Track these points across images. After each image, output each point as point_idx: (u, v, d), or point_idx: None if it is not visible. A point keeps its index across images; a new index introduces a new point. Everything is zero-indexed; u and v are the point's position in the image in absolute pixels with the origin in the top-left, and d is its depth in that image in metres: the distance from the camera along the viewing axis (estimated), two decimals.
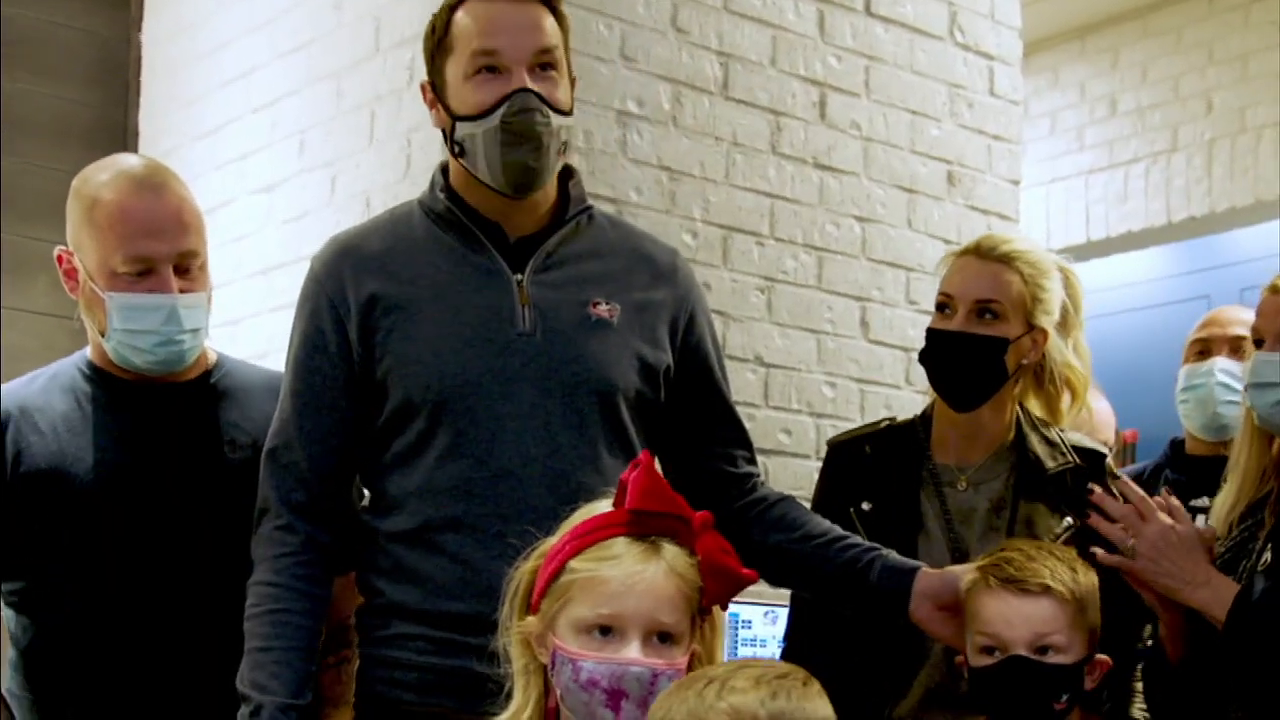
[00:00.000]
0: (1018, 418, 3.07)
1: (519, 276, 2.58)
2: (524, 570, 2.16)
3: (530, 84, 2.51)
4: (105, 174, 2.76)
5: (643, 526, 2.09)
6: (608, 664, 2.01)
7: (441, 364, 2.51)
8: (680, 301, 2.72)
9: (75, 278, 2.77)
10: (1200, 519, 3.28)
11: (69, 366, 2.86)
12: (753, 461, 2.83)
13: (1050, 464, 3.03)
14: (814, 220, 4.41)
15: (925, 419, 3.11)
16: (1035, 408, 3.09)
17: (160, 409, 2.81)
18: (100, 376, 2.82)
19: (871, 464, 3.06)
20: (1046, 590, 2.47)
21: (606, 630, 2.03)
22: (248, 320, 4.29)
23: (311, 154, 4.31)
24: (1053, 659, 2.46)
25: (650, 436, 2.66)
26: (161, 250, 2.70)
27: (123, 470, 2.74)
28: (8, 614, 2.81)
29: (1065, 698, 2.48)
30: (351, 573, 2.62)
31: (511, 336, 2.54)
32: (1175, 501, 2.70)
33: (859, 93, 4.52)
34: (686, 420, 2.73)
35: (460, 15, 2.57)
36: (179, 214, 2.74)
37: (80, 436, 2.76)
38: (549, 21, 2.58)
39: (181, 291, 2.70)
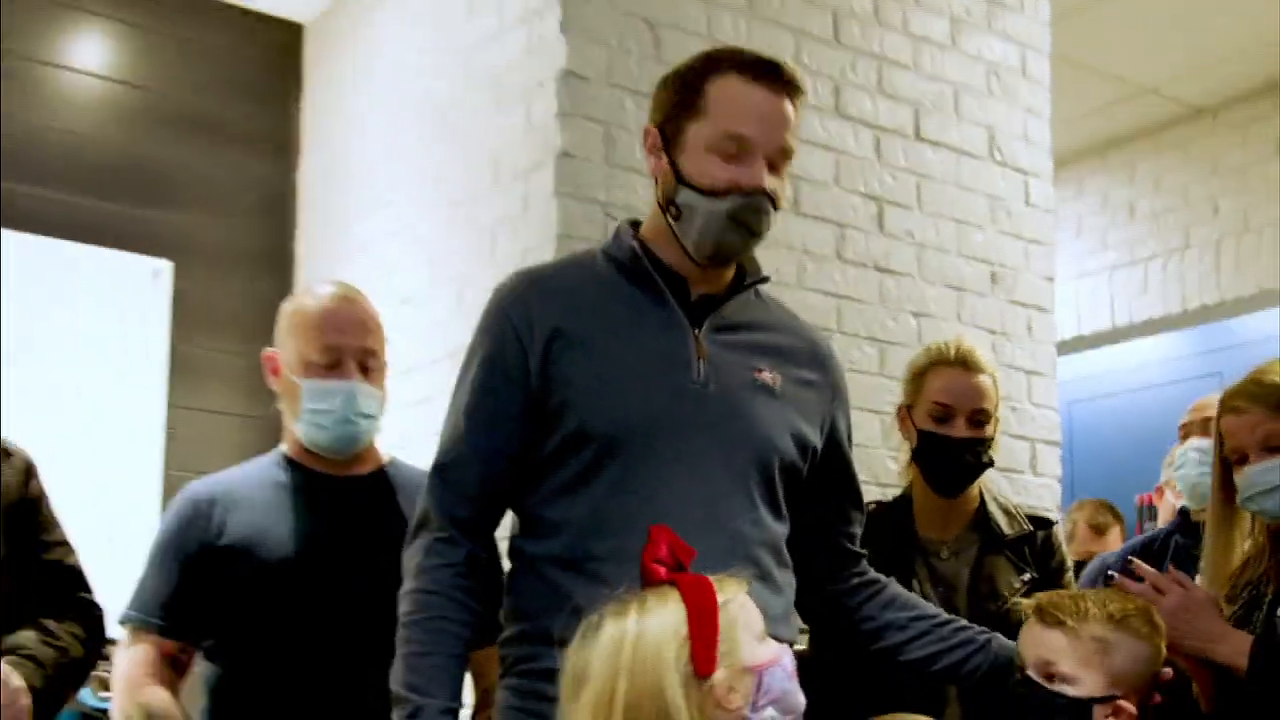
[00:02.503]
0: (980, 493, 3.11)
1: (697, 331, 2.34)
2: (676, 654, 1.83)
3: (767, 181, 2.29)
4: (312, 290, 2.88)
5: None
6: (780, 649, 1.91)
7: (621, 400, 2.26)
8: (833, 389, 2.50)
9: (278, 374, 2.82)
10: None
11: (267, 460, 2.89)
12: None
13: (1009, 531, 3.06)
14: (875, 317, 4.32)
15: (906, 500, 3.12)
16: None
17: (342, 496, 2.81)
18: (293, 467, 2.84)
19: (871, 539, 2.89)
20: (1059, 624, 2.34)
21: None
22: (390, 414, 4.21)
23: (441, 272, 4.27)
24: (1056, 686, 2.33)
25: (789, 504, 2.45)
26: (348, 344, 2.77)
27: (308, 546, 2.72)
28: (202, 664, 2.78)
29: None
30: (493, 646, 2.43)
31: (686, 384, 2.29)
32: (1181, 574, 2.63)
33: (912, 206, 4.44)
34: (823, 496, 2.51)
35: (717, 85, 2.30)
36: (364, 319, 2.82)
37: (274, 516, 2.75)
38: (794, 116, 2.34)
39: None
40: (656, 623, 1.86)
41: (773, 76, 2.32)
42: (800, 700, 1.91)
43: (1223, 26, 5.84)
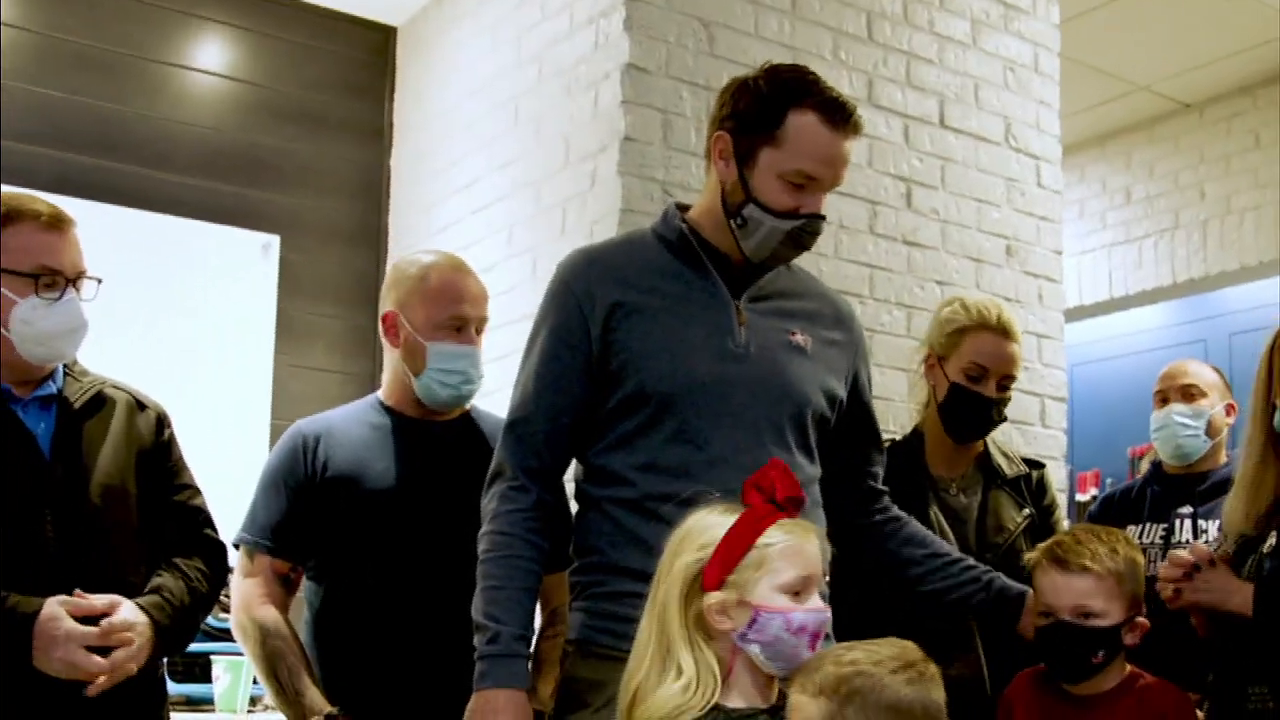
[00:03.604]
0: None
1: (737, 302, 2.32)
2: (686, 564, 1.89)
3: (823, 207, 2.29)
4: (428, 259, 2.81)
5: (793, 510, 1.91)
6: (814, 614, 1.85)
7: (675, 363, 2.24)
8: (855, 346, 2.49)
9: (396, 333, 2.76)
10: (1180, 523, 3.36)
11: (364, 404, 2.85)
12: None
13: (1009, 472, 3.01)
14: (903, 285, 4.23)
15: (919, 438, 3.05)
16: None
17: (431, 438, 2.76)
18: (389, 412, 2.78)
19: (889, 472, 2.88)
20: (1085, 569, 2.33)
21: (798, 591, 1.85)
22: None
23: (517, 244, 4.21)
24: (1092, 623, 2.33)
25: (820, 449, 2.42)
26: (472, 314, 2.74)
27: (402, 481, 2.68)
28: (307, 583, 2.76)
29: (1102, 653, 2.34)
30: (564, 571, 2.41)
31: (730, 349, 2.28)
32: (1199, 547, 2.60)
33: (936, 186, 4.34)
34: (849, 440, 2.49)
35: (797, 121, 2.24)
36: (482, 291, 2.80)
37: (372, 454, 2.70)
38: (851, 150, 2.31)
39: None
40: (696, 532, 1.91)
41: (846, 122, 2.27)
42: (803, 659, 1.85)
43: (1209, 33, 5.81)
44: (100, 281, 2.49)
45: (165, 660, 2.61)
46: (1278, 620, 2.42)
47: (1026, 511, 2.96)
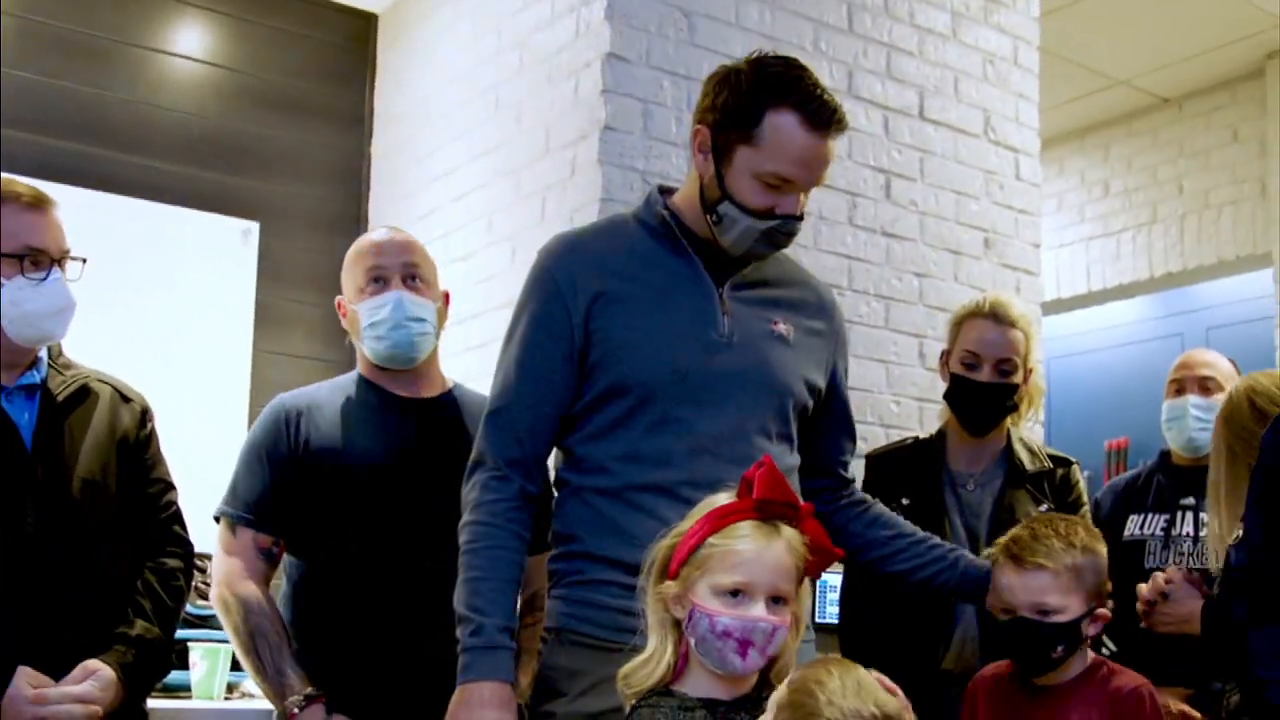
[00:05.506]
0: (1008, 433, 3.05)
1: (720, 290, 2.29)
2: (662, 546, 1.95)
3: (800, 207, 2.24)
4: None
5: (766, 512, 1.90)
6: (740, 620, 1.85)
7: (658, 353, 2.22)
8: (836, 335, 2.47)
9: (345, 312, 2.80)
10: (1182, 514, 3.34)
11: (346, 379, 2.86)
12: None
13: (1031, 467, 3.01)
14: (882, 276, 4.24)
15: (941, 435, 3.10)
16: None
17: (411, 415, 2.75)
18: (369, 388, 2.79)
19: (906, 470, 3.01)
20: (1040, 566, 2.33)
21: (737, 593, 1.86)
22: (448, 359, 4.15)
23: (497, 231, 4.20)
24: (1050, 618, 2.33)
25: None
26: (390, 262, 2.74)
27: (385, 456, 2.68)
28: (286, 557, 2.75)
29: (1061, 648, 2.34)
30: (544, 554, 2.40)
31: (713, 338, 2.26)
32: (1173, 573, 2.74)
33: (915, 178, 4.36)
34: (824, 429, 2.47)
35: (775, 121, 2.19)
36: (405, 242, 2.79)
37: (354, 428, 2.70)
38: (835, 150, 2.25)
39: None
40: (692, 514, 1.97)
41: (827, 124, 2.21)
42: (733, 665, 1.88)
43: (1189, 28, 5.82)
44: (85, 261, 2.48)
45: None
46: (1216, 640, 2.57)
47: (1044, 507, 2.95)
